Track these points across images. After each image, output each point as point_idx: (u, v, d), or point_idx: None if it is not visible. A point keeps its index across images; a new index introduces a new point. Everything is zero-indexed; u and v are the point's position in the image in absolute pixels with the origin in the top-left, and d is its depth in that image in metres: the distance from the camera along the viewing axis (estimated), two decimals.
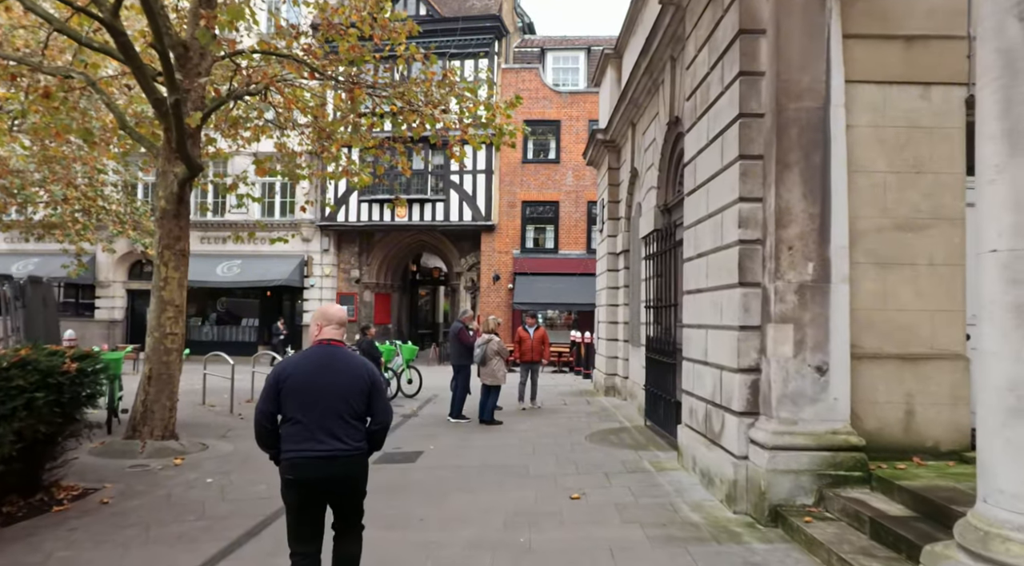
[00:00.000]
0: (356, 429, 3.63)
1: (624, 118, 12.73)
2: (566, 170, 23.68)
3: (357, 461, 3.65)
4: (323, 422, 3.55)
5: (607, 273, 14.36)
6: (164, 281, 8.65)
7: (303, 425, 3.55)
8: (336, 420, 3.57)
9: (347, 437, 3.59)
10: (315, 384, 3.59)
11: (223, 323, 25.94)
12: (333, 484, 3.61)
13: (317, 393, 3.58)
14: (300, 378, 3.61)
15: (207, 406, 12.57)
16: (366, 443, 3.70)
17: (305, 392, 3.57)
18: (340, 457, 3.56)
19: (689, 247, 7.42)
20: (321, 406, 3.56)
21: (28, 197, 16.32)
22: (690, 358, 7.28)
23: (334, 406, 3.58)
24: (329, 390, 3.59)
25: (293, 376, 3.62)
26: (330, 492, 3.63)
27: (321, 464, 3.53)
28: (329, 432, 3.55)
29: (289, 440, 3.58)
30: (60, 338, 11.47)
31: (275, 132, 12.29)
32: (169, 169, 8.60)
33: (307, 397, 3.57)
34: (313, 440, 3.53)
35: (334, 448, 3.54)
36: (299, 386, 3.59)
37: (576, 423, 10.84)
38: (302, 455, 3.53)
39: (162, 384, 8.60)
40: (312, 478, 3.55)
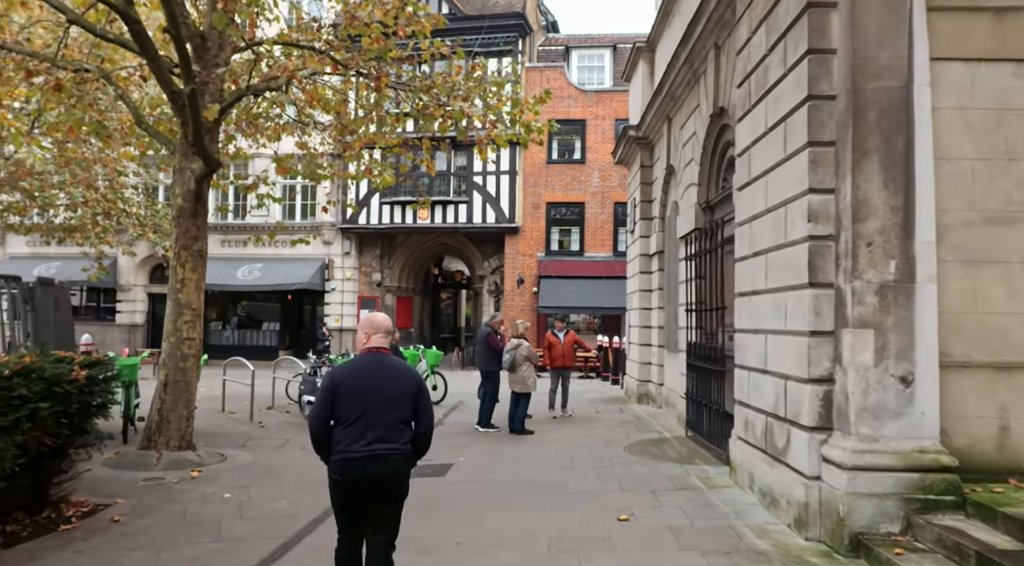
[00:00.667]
0: (402, 433, 3.81)
1: (659, 113, 12.16)
2: (592, 170, 23.11)
3: (402, 462, 3.81)
4: (372, 425, 3.72)
5: (639, 275, 13.78)
6: (181, 283, 8.22)
7: (353, 428, 3.71)
8: (384, 424, 3.74)
9: (394, 440, 3.76)
10: (365, 390, 3.76)
11: (244, 327, 25.65)
12: (377, 484, 3.74)
13: (367, 398, 3.74)
14: (351, 384, 3.78)
15: (226, 413, 12.16)
16: (411, 446, 3.87)
17: (356, 397, 3.74)
18: (386, 458, 3.72)
19: (742, 245, 6.84)
20: (370, 411, 3.73)
21: (47, 199, 16.10)
22: (745, 366, 6.70)
23: (382, 411, 3.75)
24: (378, 395, 3.76)
25: (345, 382, 3.79)
26: (374, 492, 3.76)
27: (367, 464, 3.69)
28: (377, 435, 3.72)
29: (340, 442, 3.73)
30: (74, 343, 11.10)
31: (296, 130, 11.91)
32: (186, 166, 8.18)
33: (357, 402, 3.73)
34: (362, 442, 3.70)
35: (381, 449, 3.71)
36: (350, 391, 3.76)
37: (612, 433, 10.26)
38: (351, 456, 3.70)
39: (179, 392, 8.17)
40: (359, 478, 3.71)
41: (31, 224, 18.16)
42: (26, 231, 18.26)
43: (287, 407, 12.82)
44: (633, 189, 14.70)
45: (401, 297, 25.28)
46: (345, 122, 11.34)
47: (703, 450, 8.69)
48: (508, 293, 23.25)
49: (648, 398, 13.37)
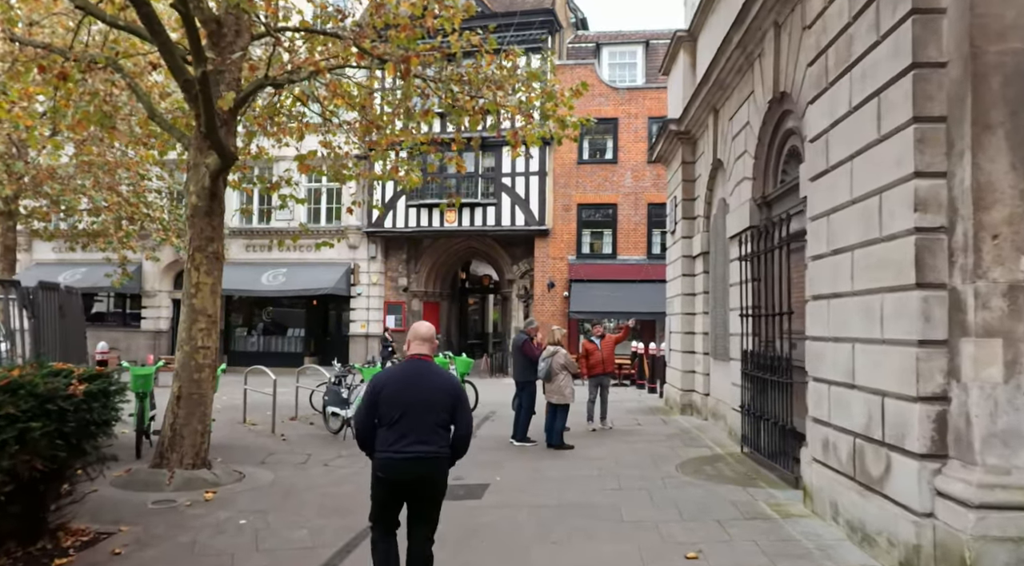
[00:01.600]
0: (441, 436, 3.98)
1: (703, 105, 11.36)
2: (624, 171, 22.32)
3: (440, 464, 4.00)
4: (411, 428, 3.92)
5: (681, 278, 12.96)
6: (195, 287, 7.61)
7: (395, 430, 3.93)
8: (423, 427, 3.93)
9: (432, 443, 3.95)
10: (405, 395, 3.98)
11: (269, 333, 25.22)
12: (417, 483, 3.97)
13: (407, 403, 3.96)
14: (393, 389, 4.02)
15: (247, 425, 11.57)
16: (450, 449, 4.04)
17: (396, 401, 3.96)
18: (425, 459, 3.92)
19: (817, 242, 6.05)
20: (410, 414, 3.94)
21: (70, 203, 15.73)
22: (822, 379, 5.90)
23: (421, 415, 3.94)
24: (418, 401, 3.96)
25: (387, 387, 4.04)
26: (414, 490, 3.99)
27: (408, 464, 3.90)
28: (417, 437, 3.91)
29: (383, 443, 3.97)
30: (85, 352, 10.57)
31: (320, 129, 11.35)
32: (200, 161, 7.58)
33: (398, 406, 3.96)
34: (402, 443, 3.90)
35: (420, 451, 3.91)
36: (392, 396, 3.99)
37: (659, 449, 9.47)
38: (392, 456, 3.92)
39: (193, 405, 7.55)
40: (399, 477, 3.94)
41: (54, 230, 17.87)
42: (49, 237, 17.97)
43: (310, 418, 12.21)
44: (673, 187, 13.90)
45: (428, 302, 24.66)
46: (371, 118, 10.74)
47: (764, 470, 7.87)
48: (538, 298, 22.51)
49: (692, 409, 12.54)
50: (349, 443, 10.07)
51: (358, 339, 23.51)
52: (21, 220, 16.47)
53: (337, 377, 11.36)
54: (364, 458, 8.99)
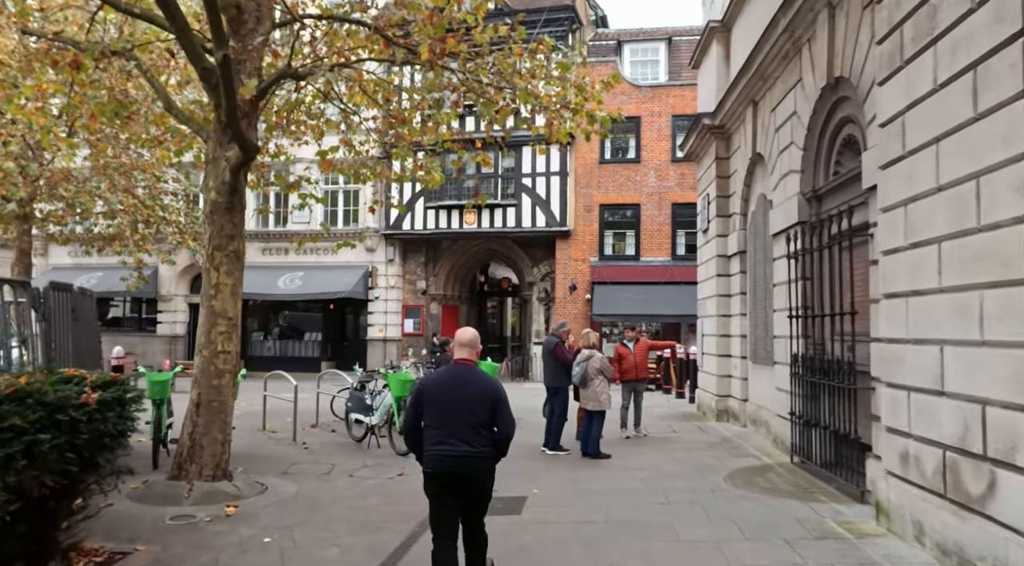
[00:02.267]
0: (483, 436, 4.15)
1: (741, 97, 10.85)
2: (647, 170, 21.80)
3: (483, 463, 4.18)
4: (455, 428, 4.11)
5: (715, 279, 12.43)
6: (215, 288, 7.19)
7: (439, 430, 4.13)
8: (465, 427, 4.11)
9: (475, 442, 4.12)
10: (449, 397, 4.19)
11: (285, 338, 24.86)
12: (461, 480, 4.14)
13: (450, 405, 4.16)
14: (437, 392, 4.24)
15: (267, 432, 11.15)
16: (492, 448, 4.21)
17: (440, 404, 4.18)
18: (468, 458, 4.09)
19: (892, 235, 5.54)
20: (453, 415, 4.14)
21: (85, 205, 15.43)
22: (900, 384, 5.37)
23: (464, 416, 4.13)
24: (460, 402, 4.16)
25: (431, 390, 4.26)
26: (458, 487, 4.15)
27: (451, 462, 4.09)
28: (460, 437, 4.09)
29: (429, 442, 4.17)
30: (100, 357, 10.20)
31: (340, 126, 10.96)
32: (220, 155, 7.17)
33: (442, 408, 4.17)
34: (446, 443, 4.10)
35: (463, 450, 4.09)
36: (436, 399, 4.21)
37: (701, 458, 8.96)
38: (437, 454, 4.12)
39: (212, 413, 7.13)
40: (444, 473, 4.12)
41: (70, 233, 17.60)
42: (65, 241, 17.69)
43: (332, 425, 11.77)
44: (705, 185, 13.38)
45: (446, 306, 24.23)
46: (394, 113, 10.33)
47: (821, 482, 7.34)
48: (559, 300, 22.02)
49: (729, 415, 12.00)
50: (374, 452, 9.63)
51: (376, 343, 23.11)
52: (36, 224, 16.20)
53: (359, 382, 10.93)
54: (389, 468, 8.59)
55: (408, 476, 8.15)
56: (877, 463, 6.03)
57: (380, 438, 10.05)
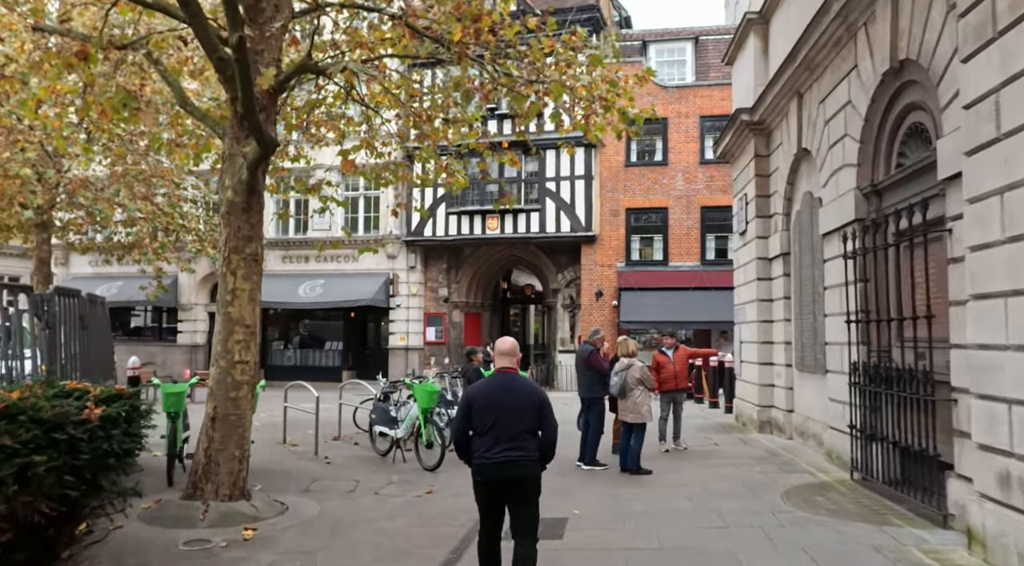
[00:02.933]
0: (529, 441, 4.32)
1: (784, 90, 10.26)
2: (675, 172, 21.19)
3: (530, 467, 4.32)
4: (502, 435, 4.27)
5: (756, 283, 11.81)
6: (232, 294, 6.72)
7: (487, 437, 4.29)
8: (512, 434, 4.27)
9: (522, 447, 4.29)
10: (495, 405, 4.33)
11: (305, 347, 24.48)
12: (510, 484, 4.29)
13: (497, 412, 4.31)
14: (484, 400, 4.37)
15: (287, 446, 10.68)
16: (538, 453, 4.35)
17: (487, 411, 4.32)
18: (515, 463, 4.26)
19: (982, 228, 4.94)
20: (500, 423, 4.29)
21: (102, 213, 15.14)
22: (997, 396, 4.76)
23: (511, 423, 4.29)
24: (506, 410, 4.31)
25: (479, 398, 4.40)
26: (509, 491, 4.30)
27: (500, 468, 4.26)
28: (507, 443, 4.26)
29: (477, 449, 4.32)
30: (112, 367, 9.79)
31: (362, 126, 10.55)
32: (237, 151, 6.72)
33: (489, 415, 4.31)
34: (494, 449, 4.26)
35: (511, 456, 4.25)
36: (483, 406, 4.35)
37: (750, 474, 8.34)
38: (486, 461, 4.28)
39: (229, 428, 6.65)
40: (494, 479, 4.29)
41: (89, 242, 17.34)
42: (84, 250, 17.45)
43: (355, 437, 11.28)
44: (743, 185, 12.77)
45: (469, 313, 23.73)
46: (418, 111, 9.88)
47: (890, 502, 6.70)
48: (585, 307, 21.43)
49: (772, 426, 11.34)
50: (399, 467, 9.12)
51: (398, 352, 22.64)
52: (55, 232, 15.96)
53: (384, 393, 10.44)
54: (417, 485, 8.05)
55: (437, 494, 7.62)
56: (964, 484, 5.41)
57: (406, 452, 9.54)
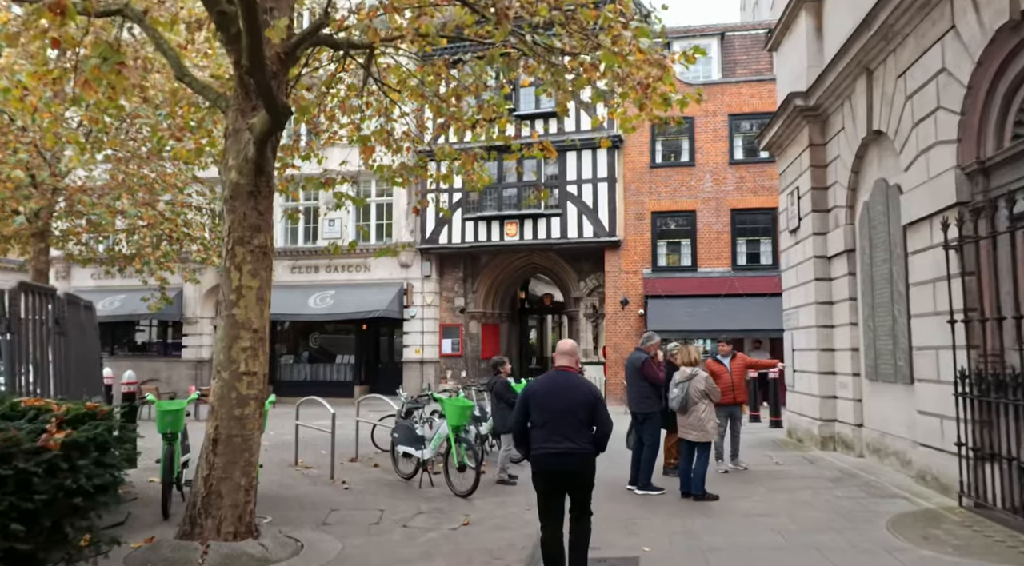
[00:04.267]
0: (584, 434, 4.60)
1: (849, 68, 9.21)
2: (703, 174, 20.14)
3: (585, 458, 4.61)
4: (558, 428, 4.57)
5: (813, 284, 10.72)
6: (237, 293, 5.69)
7: (544, 430, 4.61)
8: (567, 427, 4.57)
9: (577, 439, 4.57)
10: (553, 400, 4.65)
11: (315, 361, 23.40)
12: (567, 475, 4.61)
13: (555, 406, 4.62)
14: (542, 395, 4.70)
15: (300, 468, 9.61)
16: (592, 445, 4.65)
17: (545, 406, 4.64)
18: (571, 454, 4.55)
19: None
20: (558, 416, 4.59)
21: (101, 216, 14.20)
22: None
23: (566, 416, 4.58)
24: (564, 404, 4.61)
25: (537, 393, 4.73)
26: (564, 481, 4.63)
27: (557, 459, 4.56)
28: (564, 435, 4.55)
29: (536, 441, 4.66)
30: (100, 381, 8.75)
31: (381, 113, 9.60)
32: (242, 126, 5.71)
33: (547, 409, 4.63)
34: (551, 441, 4.57)
35: (567, 448, 4.54)
36: (541, 401, 4.68)
37: (835, 500, 7.21)
38: (544, 452, 4.59)
39: (234, 452, 5.59)
40: (551, 469, 4.60)
41: (90, 251, 16.41)
42: (84, 261, 16.52)
43: (373, 458, 10.21)
44: (793, 178, 11.71)
45: (486, 324, 22.65)
46: (445, 95, 8.94)
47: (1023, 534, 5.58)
48: (610, 316, 20.34)
49: (837, 443, 10.21)
50: (427, 492, 8.03)
51: (412, 365, 21.57)
52: (54, 243, 15.04)
53: (408, 408, 9.38)
54: (451, 515, 6.93)
55: (477, 526, 6.54)
56: None
57: (433, 475, 8.46)
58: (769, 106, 20.24)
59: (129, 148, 14.04)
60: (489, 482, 8.06)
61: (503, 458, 8.67)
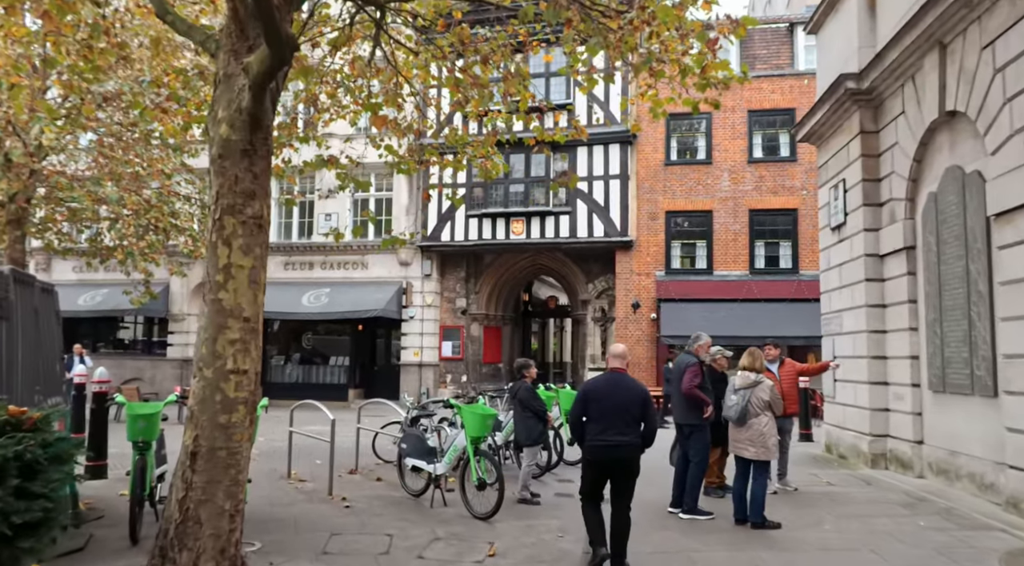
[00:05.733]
0: (633, 429, 5.15)
1: (917, 43, 8.25)
2: (720, 172, 19.19)
3: (633, 451, 5.14)
4: (611, 422, 5.11)
5: (862, 285, 9.74)
6: (225, 273, 4.64)
7: (599, 424, 5.14)
8: (619, 422, 5.11)
9: (627, 433, 5.11)
10: (608, 397, 5.20)
11: (308, 362, 22.24)
12: (616, 464, 5.14)
13: (608, 403, 5.17)
14: (598, 393, 5.27)
15: (293, 482, 8.52)
16: (640, 439, 5.17)
17: (601, 402, 5.20)
18: (622, 446, 5.09)
19: None
20: (610, 412, 5.14)
21: (79, 201, 13.11)
22: None
23: (619, 413, 5.13)
24: (615, 402, 5.17)
25: (594, 390, 5.31)
26: (613, 470, 5.16)
27: (609, 450, 5.10)
28: (616, 429, 5.09)
29: (590, 433, 5.18)
30: (58, 380, 7.65)
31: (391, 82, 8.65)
32: (235, 69, 4.67)
33: (602, 406, 5.17)
34: (605, 434, 5.10)
35: (618, 441, 5.09)
36: (596, 398, 5.24)
37: (918, 530, 6.20)
38: (598, 444, 5.13)
39: (217, 468, 4.52)
40: (603, 459, 5.15)
41: (68, 239, 15.29)
42: (65, 252, 15.38)
43: (375, 470, 9.14)
44: (837, 170, 10.74)
45: (489, 327, 21.60)
46: (465, 66, 8.00)
47: None
48: (620, 321, 19.32)
49: (891, 461, 9.21)
50: (441, 513, 6.97)
51: (411, 369, 20.47)
52: (30, 231, 13.93)
53: (417, 415, 8.32)
54: (472, 543, 5.74)
55: (505, 557, 5.51)
56: None
57: (447, 492, 7.40)
58: (790, 102, 19.38)
59: (113, 130, 13.01)
60: (509, 501, 7.02)
61: (525, 474, 7.62)
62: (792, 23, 20.08)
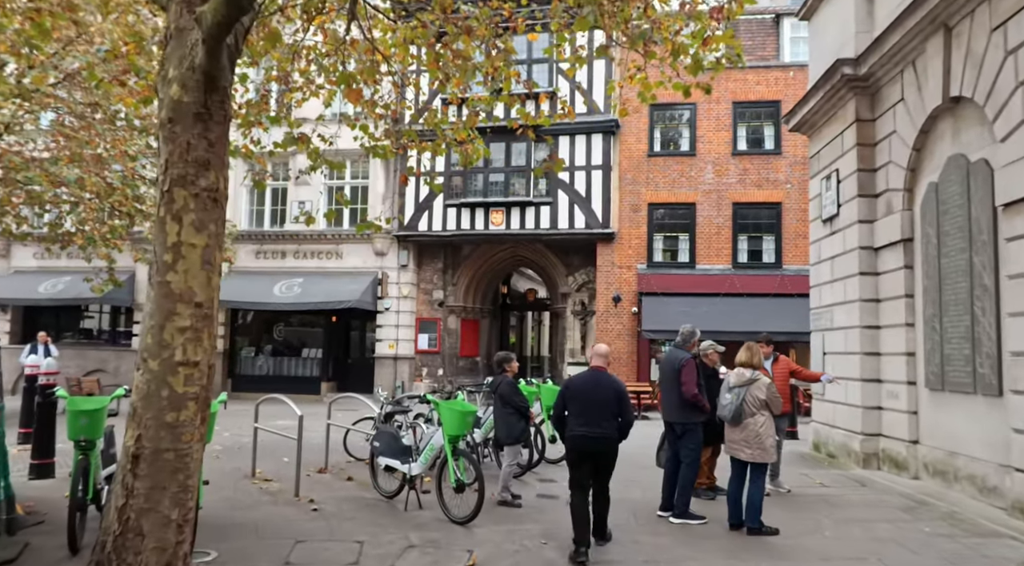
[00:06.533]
0: (611, 422, 5.53)
1: (919, 27, 7.90)
2: (704, 164, 18.84)
3: (610, 442, 5.55)
4: (590, 416, 5.53)
5: (857, 278, 9.41)
6: (174, 253, 4.11)
7: (580, 417, 5.57)
8: (597, 415, 5.51)
9: (605, 426, 5.51)
10: (587, 393, 5.61)
11: (279, 354, 21.57)
12: (595, 454, 5.53)
13: (588, 398, 5.58)
14: (578, 388, 5.69)
15: (258, 481, 7.97)
16: (617, 432, 5.57)
17: (581, 398, 5.61)
18: (599, 438, 5.50)
19: None
20: (588, 407, 5.56)
21: (35, 181, 12.37)
22: None
23: (598, 407, 5.54)
24: (595, 398, 5.57)
25: (574, 387, 5.73)
26: (593, 459, 5.54)
27: (587, 441, 5.52)
28: (595, 423, 5.51)
29: (571, 425, 5.62)
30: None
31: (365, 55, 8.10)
32: (188, 23, 4.13)
33: (582, 401, 5.60)
34: (587, 426, 5.52)
35: (596, 432, 5.50)
36: (577, 394, 5.66)
37: (924, 537, 5.85)
38: (580, 434, 5.54)
39: (163, 472, 4.00)
40: (585, 448, 5.53)
41: (23, 222, 14.50)
42: (22, 237, 14.58)
43: (347, 469, 8.62)
44: (830, 160, 10.39)
45: (466, 320, 21.09)
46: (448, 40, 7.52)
47: None
48: (600, 314, 18.93)
49: (884, 461, 8.90)
50: (416, 516, 6.48)
51: (385, 362, 19.91)
52: None
53: (391, 411, 7.82)
54: (449, 550, 5.04)
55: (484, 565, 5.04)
56: None
57: (422, 493, 6.92)
58: (775, 94, 19.07)
59: (75, 110, 12.27)
60: (488, 503, 6.56)
61: (506, 475, 7.16)
62: (778, 14, 19.76)
